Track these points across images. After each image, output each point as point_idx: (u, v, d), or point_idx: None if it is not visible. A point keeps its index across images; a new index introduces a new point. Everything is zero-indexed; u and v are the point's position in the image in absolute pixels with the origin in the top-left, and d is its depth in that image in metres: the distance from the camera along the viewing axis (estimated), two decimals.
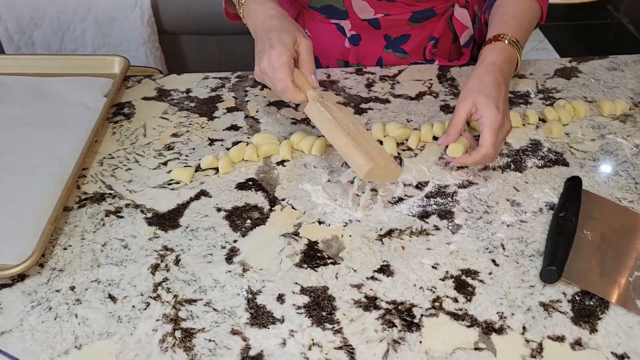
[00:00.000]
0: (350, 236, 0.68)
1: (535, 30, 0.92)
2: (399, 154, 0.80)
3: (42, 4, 1.51)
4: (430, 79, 0.95)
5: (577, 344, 0.58)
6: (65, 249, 0.67)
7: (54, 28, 1.54)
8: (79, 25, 1.54)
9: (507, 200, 0.73)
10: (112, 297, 0.62)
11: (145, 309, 0.61)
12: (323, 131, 0.72)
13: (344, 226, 0.70)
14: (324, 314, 0.60)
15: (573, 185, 0.72)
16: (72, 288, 0.62)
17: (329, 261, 0.65)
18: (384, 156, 0.71)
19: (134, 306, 0.61)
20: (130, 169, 0.77)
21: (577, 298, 0.62)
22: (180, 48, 1.70)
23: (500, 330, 0.59)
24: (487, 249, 0.67)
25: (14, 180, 0.73)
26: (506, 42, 0.80)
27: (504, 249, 0.67)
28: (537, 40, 2.63)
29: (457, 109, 0.75)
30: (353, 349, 0.57)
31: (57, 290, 0.62)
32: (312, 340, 0.58)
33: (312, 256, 0.66)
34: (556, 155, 0.80)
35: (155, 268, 0.65)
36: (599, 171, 0.77)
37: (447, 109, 0.89)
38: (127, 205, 0.72)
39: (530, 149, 0.81)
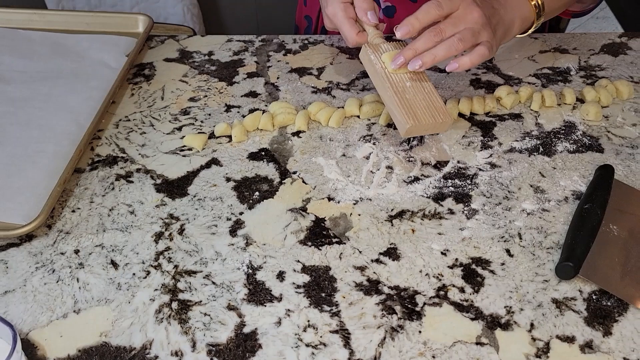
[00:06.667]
0: (359, 215, 0.66)
1: None
2: None
3: None
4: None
5: (588, 346, 0.54)
6: (73, 211, 0.67)
7: None
8: None
9: (531, 186, 0.69)
10: (114, 264, 0.62)
11: (145, 277, 0.60)
12: (373, 81, 0.70)
13: (354, 204, 0.67)
14: (323, 295, 0.58)
15: (604, 175, 0.67)
16: (77, 251, 0.63)
17: (334, 240, 0.63)
18: (432, 110, 0.67)
19: (134, 274, 0.61)
20: (145, 133, 0.77)
21: (594, 297, 0.58)
22: (218, 6, 1.67)
23: (506, 326, 0.56)
24: (502, 237, 0.63)
25: (27, 137, 0.73)
26: None
27: (520, 238, 0.63)
28: (598, 8, 2.45)
29: None
30: (349, 333, 0.55)
31: (62, 253, 0.63)
32: (308, 321, 0.56)
33: (318, 234, 0.64)
34: (591, 139, 0.75)
35: (159, 236, 0.64)
36: (636, 160, 0.72)
37: (477, 83, 0.83)
38: (137, 170, 0.72)
39: (563, 131, 0.76)
